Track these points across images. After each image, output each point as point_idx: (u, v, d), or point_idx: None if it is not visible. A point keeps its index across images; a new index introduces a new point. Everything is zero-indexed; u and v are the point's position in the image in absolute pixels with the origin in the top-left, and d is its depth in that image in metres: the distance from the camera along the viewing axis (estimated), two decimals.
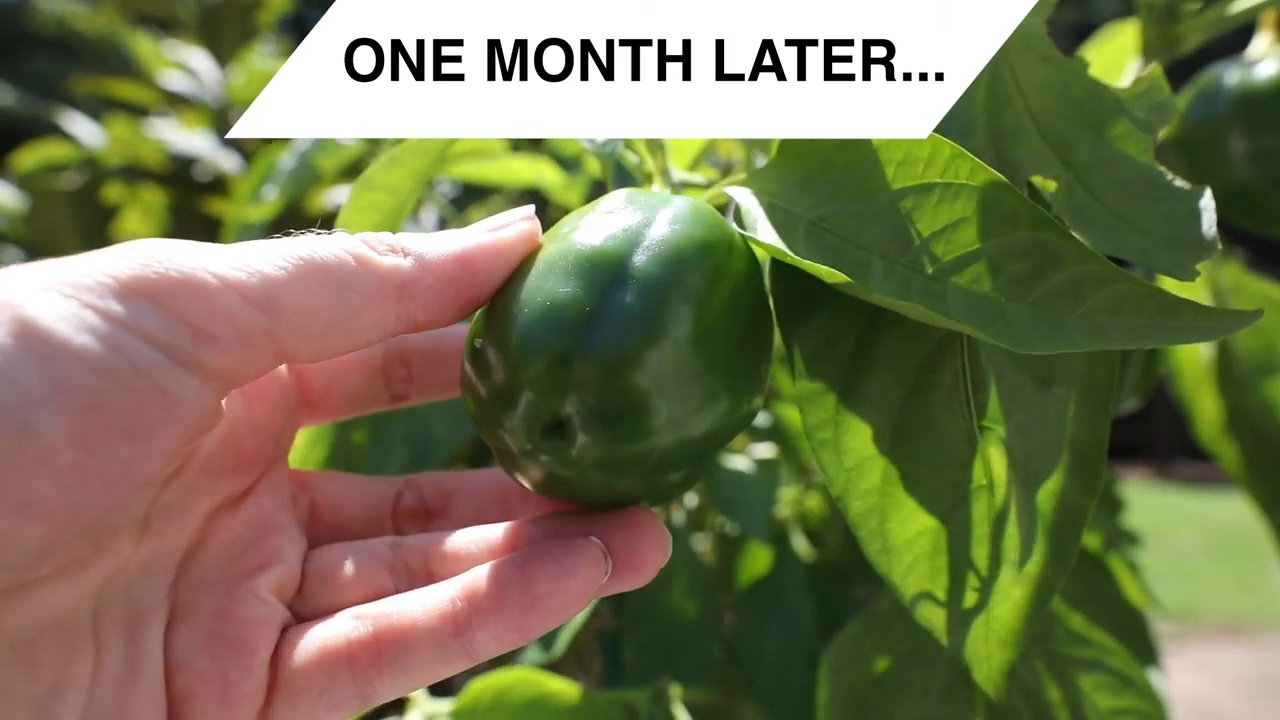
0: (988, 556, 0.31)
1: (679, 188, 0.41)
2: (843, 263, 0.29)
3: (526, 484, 0.28)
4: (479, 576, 0.27)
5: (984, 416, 0.32)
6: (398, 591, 0.28)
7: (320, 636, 0.27)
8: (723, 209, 0.35)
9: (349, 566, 0.29)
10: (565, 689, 0.44)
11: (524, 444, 0.26)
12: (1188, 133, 0.53)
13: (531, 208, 0.29)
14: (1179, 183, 0.30)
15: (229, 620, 0.26)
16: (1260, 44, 0.53)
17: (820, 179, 0.31)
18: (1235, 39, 0.55)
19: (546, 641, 0.52)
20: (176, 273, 0.22)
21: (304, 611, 0.29)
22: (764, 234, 0.31)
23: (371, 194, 0.36)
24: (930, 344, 0.32)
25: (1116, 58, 0.57)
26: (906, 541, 0.32)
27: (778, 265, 0.33)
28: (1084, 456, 0.32)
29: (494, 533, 0.29)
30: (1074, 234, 0.27)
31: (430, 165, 0.38)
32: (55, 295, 0.21)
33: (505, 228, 0.28)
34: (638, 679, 0.63)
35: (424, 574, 0.30)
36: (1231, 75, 0.52)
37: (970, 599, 0.31)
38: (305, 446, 0.43)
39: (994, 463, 0.32)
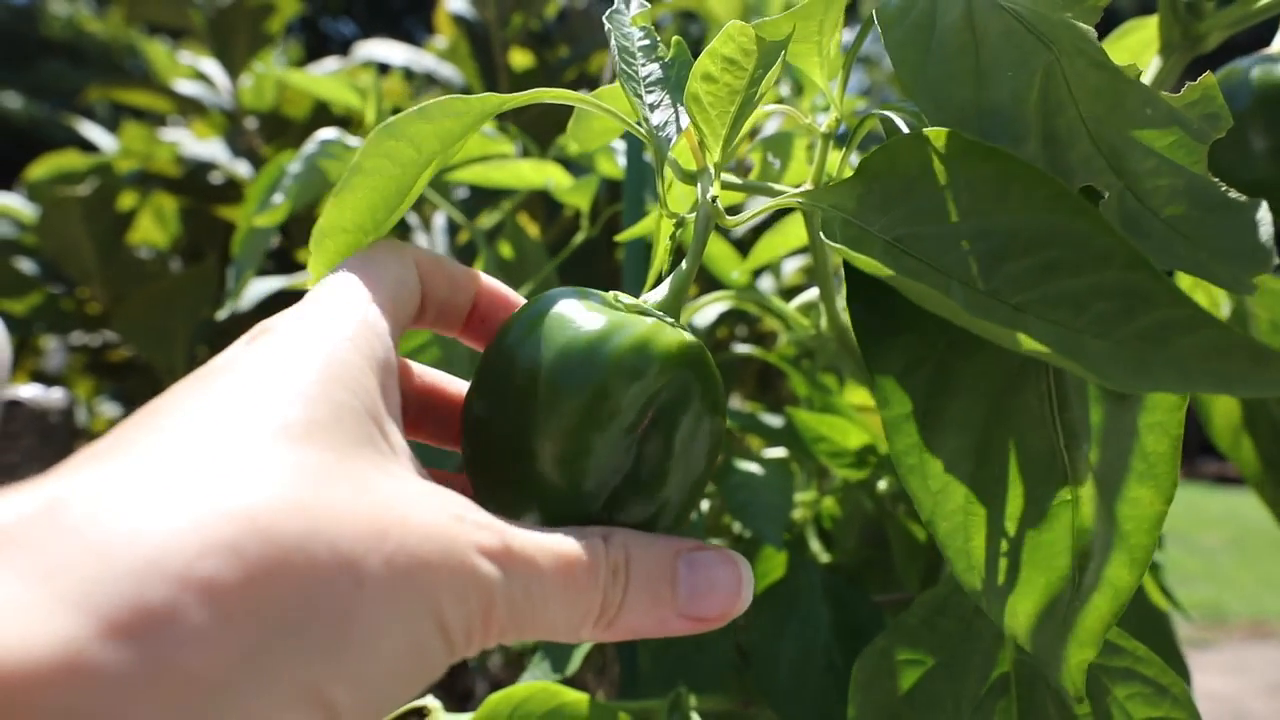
0: (1070, 568, 0.32)
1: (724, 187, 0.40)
2: (923, 284, 0.29)
3: None
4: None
5: (1071, 436, 0.32)
6: None
7: None
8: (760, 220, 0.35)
9: None
10: (582, 699, 0.44)
11: None
12: None
13: (742, 601, 0.29)
14: (1233, 194, 0.29)
15: None
16: None
17: (900, 200, 0.31)
18: (1261, 32, 0.54)
19: (559, 662, 0.52)
20: (494, 628, 0.24)
21: None
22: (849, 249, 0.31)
23: (392, 141, 0.34)
24: (1013, 367, 0.32)
25: (1136, 54, 0.56)
26: (990, 558, 0.32)
27: (856, 294, 0.33)
28: (1157, 464, 0.32)
29: None
30: (1167, 277, 0.27)
31: (458, 130, 0.35)
32: (430, 621, 0.22)
33: (695, 624, 0.29)
34: (654, 685, 0.62)
35: None
36: (1253, 71, 0.51)
37: (1053, 610, 0.32)
38: None
39: (1083, 478, 0.32)
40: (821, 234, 0.32)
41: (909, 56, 0.33)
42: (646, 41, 0.38)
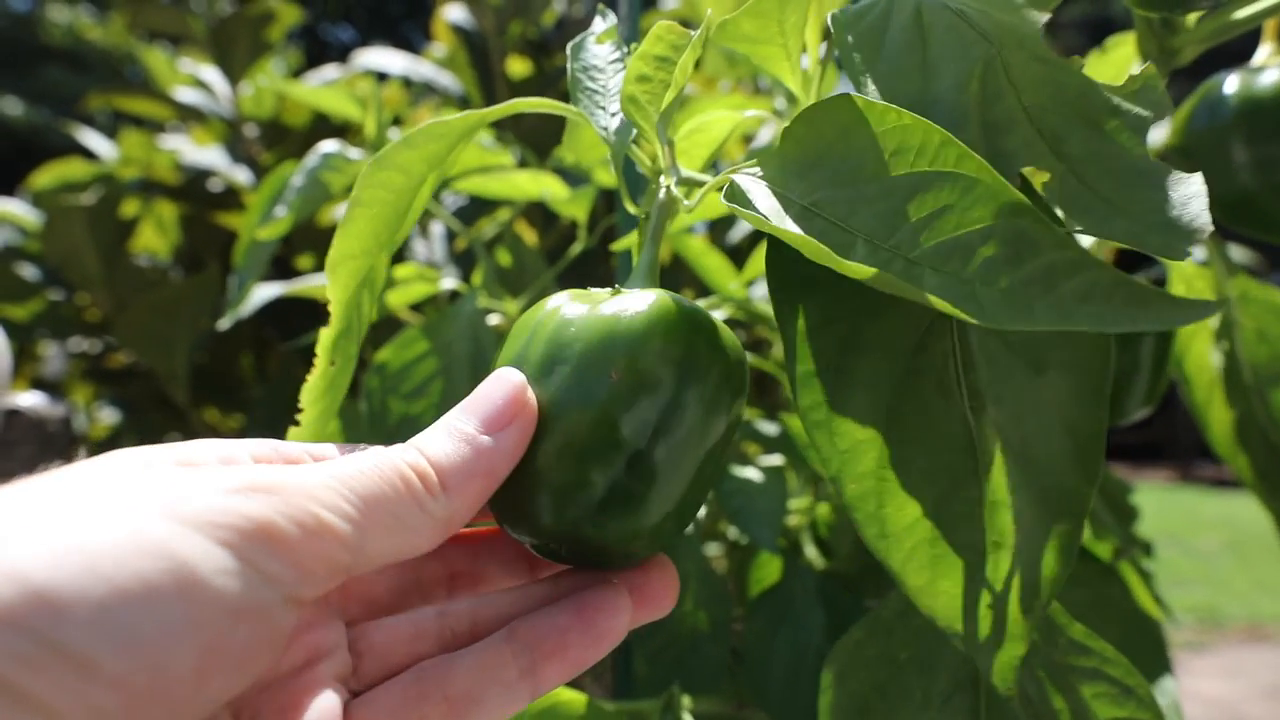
0: (986, 542, 0.32)
1: (687, 183, 0.42)
2: (829, 243, 0.30)
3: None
4: (535, 624, 0.31)
5: (976, 398, 0.32)
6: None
7: (390, 705, 0.29)
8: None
9: (400, 641, 0.32)
10: (577, 699, 0.45)
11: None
12: (1191, 141, 0.53)
13: (517, 387, 0.31)
14: (1173, 171, 0.30)
15: (297, 712, 0.28)
16: (1262, 53, 0.53)
17: (819, 166, 0.32)
18: (1247, 43, 0.55)
19: None
20: (299, 521, 0.25)
21: (361, 689, 0.31)
22: (760, 207, 0.32)
23: (384, 172, 0.37)
24: (921, 327, 0.33)
25: (1122, 66, 0.57)
26: (905, 527, 0.32)
27: (772, 252, 0.34)
28: (1082, 443, 0.32)
29: (530, 591, 0.33)
30: (1051, 222, 0.28)
31: (443, 150, 0.39)
32: (200, 537, 0.23)
33: (509, 429, 0.30)
34: (649, 688, 0.63)
35: (468, 636, 0.32)
36: (1234, 84, 0.52)
37: (974, 587, 0.31)
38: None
39: (989, 445, 0.32)
40: (724, 199, 0.33)
41: (861, 57, 0.35)
42: (615, 55, 0.41)
